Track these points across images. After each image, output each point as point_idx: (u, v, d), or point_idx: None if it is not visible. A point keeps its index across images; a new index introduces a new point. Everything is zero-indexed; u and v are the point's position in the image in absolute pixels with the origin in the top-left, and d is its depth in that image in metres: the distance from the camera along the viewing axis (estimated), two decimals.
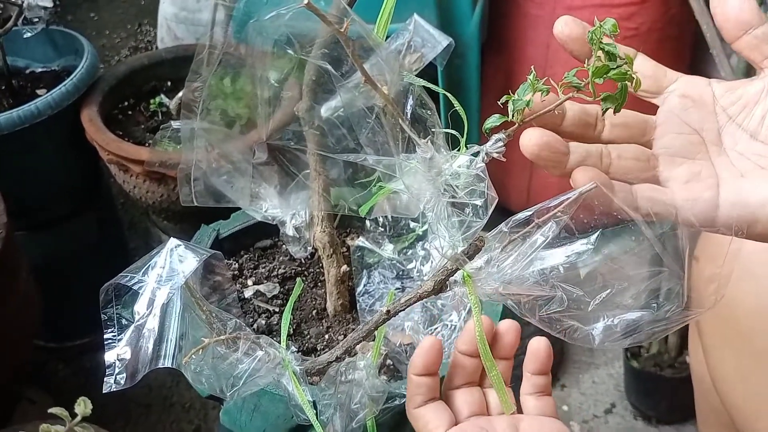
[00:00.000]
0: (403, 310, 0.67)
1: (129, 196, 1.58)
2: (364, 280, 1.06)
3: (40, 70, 1.67)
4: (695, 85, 0.67)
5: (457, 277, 0.64)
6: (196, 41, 2.04)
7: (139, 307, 0.65)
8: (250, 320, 1.03)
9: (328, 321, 1.05)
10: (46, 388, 1.59)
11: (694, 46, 1.89)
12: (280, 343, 0.78)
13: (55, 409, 0.72)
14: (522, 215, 0.63)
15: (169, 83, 1.67)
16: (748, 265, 0.87)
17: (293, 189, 1.00)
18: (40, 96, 1.48)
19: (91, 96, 1.52)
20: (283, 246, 1.12)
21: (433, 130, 0.58)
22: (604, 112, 0.63)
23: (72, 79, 1.49)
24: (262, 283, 1.09)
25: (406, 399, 0.73)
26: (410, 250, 1.09)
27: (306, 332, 1.03)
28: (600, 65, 0.60)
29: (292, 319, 1.01)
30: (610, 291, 0.62)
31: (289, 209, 1.02)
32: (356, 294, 1.04)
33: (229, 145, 0.96)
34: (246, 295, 1.07)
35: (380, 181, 0.64)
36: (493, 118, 0.60)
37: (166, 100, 1.60)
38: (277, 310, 1.05)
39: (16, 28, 1.49)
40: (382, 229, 1.10)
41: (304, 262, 1.12)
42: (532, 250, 0.61)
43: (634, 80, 0.63)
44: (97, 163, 1.61)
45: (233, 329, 0.68)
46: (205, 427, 1.62)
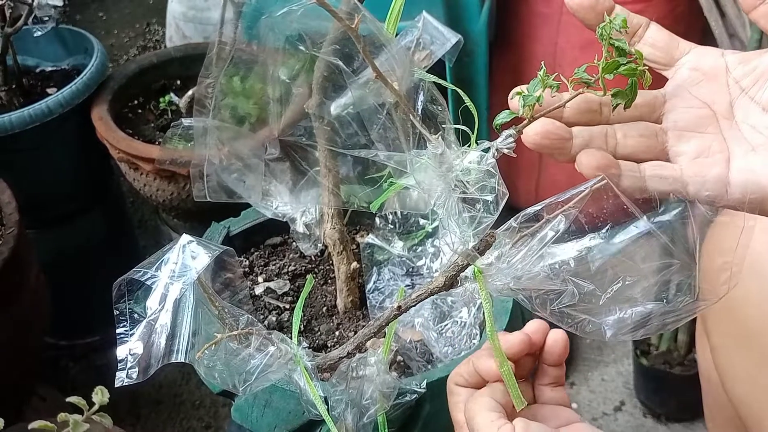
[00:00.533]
0: (415, 305, 0.67)
1: (139, 195, 1.58)
2: (374, 277, 1.06)
3: (50, 69, 1.67)
4: (707, 57, 0.66)
5: (468, 272, 0.64)
6: (204, 40, 2.05)
7: (152, 303, 0.65)
8: (261, 317, 1.04)
9: (338, 318, 1.05)
10: (57, 386, 1.59)
11: (702, 44, 1.89)
12: (291, 339, 0.78)
13: (72, 398, 0.73)
14: (532, 210, 0.63)
15: (179, 82, 1.67)
16: (755, 264, 0.86)
17: (303, 186, 1.00)
18: (51, 95, 1.48)
19: (101, 95, 1.53)
20: (294, 243, 1.13)
21: (443, 126, 0.58)
22: (614, 108, 0.63)
23: (82, 78, 1.49)
24: (273, 281, 1.09)
25: (451, 373, 0.75)
26: (420, 247, 1.10)
27: (316, 329, 1.03)
28: (610, 61, 0.61)
29: (303, 315, 1.01)
30: (621, 284, 0.62)
31: (300, 206, 1.02)
32: (366, 291, 1.05)
33: (239, 143, 0.96)
34: (256, 292, 1.07)
35: (391, 177, 0.64)
36: (504, 114, 0.60)
37: (176, 98, 1.60)
38: (287, 307, 1.06)
39: (27, 27, 1.49)
40: (392, 227, 1.10)
41: (314, 259, 1.13)
42: (542, 245, 0.61)
43: (644, 76, 0.63)
44: (107, 161, 1.62)
45: (245, 325, 0.69)
46: (215, 424, 1.63)
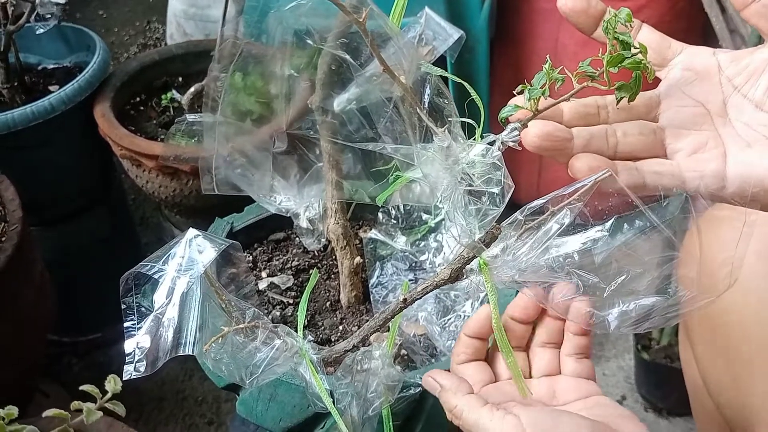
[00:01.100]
0: (420, 298, 0.67)
1: (141, 191, 1.58)
2: (377, 272, 1.06)
3: (52, 66, 1.67)
4: (700, 57, 0.66)
5: (473, 265, 0.64)
6: (205, 37, 2.05)
7: (159, 297, 0.65)
8: (265, 312, 1.04)
9: (341, 312, 1.05)
10: (61, 382, 1.60)
11: (703, 40, 1.89)
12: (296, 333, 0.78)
13: (86, 387, 0.73)
14: (537, 203, 0.63)
15: (181, 79, 1.67)
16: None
17: (307, 181, 1.00)
18: (53, 92, 1.49)
19: (103, 92, 1.53)
20: (297, 238, 1.13)
21: (449, 119, 0.58)
22: (618, 101, 0.64)
23: (85, 75, 1.49)
24: (276, 275, 1.10)
25: (452, 354, 0.75)
26: (423, 242, 1.10)
27: (320, 323, 1.04)
28: (615, 54, 0.61)
29: (306, 310, 1.02)
30: (624, 277, 0.63)
31: (303, 201, 1.03)
32: (369, 285, 1.05)
33: (242, 139, 0.97)
34: (260, 288, 1.08)
35: (397, 171, 0.64)
36: (509, 107, 0.61)
37: (178, 95, 1.60)
38: (291, 301, 1.06)
39: (29, 25, 1.49)
40: (395, 222, 1.10)
41: (317, 254, 1.13)
42: (547, 238, 0.62)
43: (648, 69, 0.63)
44: (110, 159, 1.62)
45: (252, 318, 0.69)
46: (218, 420, 1.63)
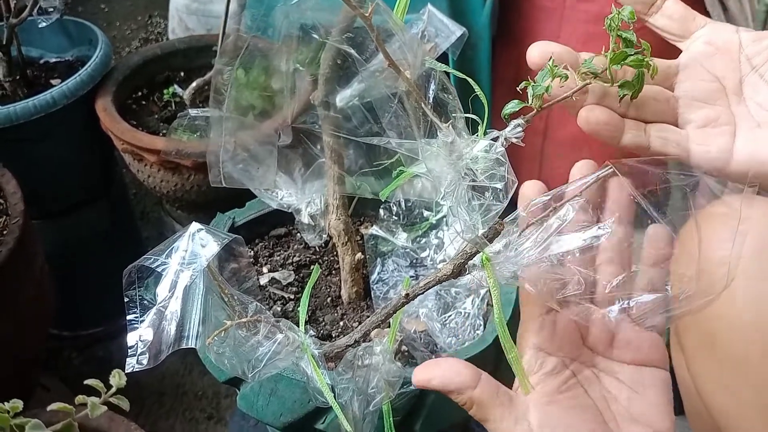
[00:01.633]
0: (422, 293, 0.67)
1: (141, 186, 1.59)
2: (378, 268, 1.07)
3: (54, 60, 1.67)
4: (722, 32, 0.67)
5: (476, 261, 0.65)
6: (207, 32, 2.05)
7: (162, 290, 0.65)
8: (266, 307, 1.04)
9: (342, 308, 1.06)
10: (61, 376, 1.60)
11: None
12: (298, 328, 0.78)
13: (90, 381, 0.73)
14: (540, 199, 0.64)
15: (183, 73, 1.67)
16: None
17: (309, 177, 1.01)
18: (54, 86, 1.48)
19: (105, 86, 1.52)
20: (298, 234, 1.13)
21: (454, 115, 0.59)
22: (621, 98, 0.64)
23: (87, 69, 1.49)
24: (278, 271, 1.10)
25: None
26: (423, 239, 1.10)
27: (321, 319, 1.04)
28: (618, 52, 0.61)
29: (307, 305, 1.02)
30: (625, 274, 0.63)
31: (305, 197, 1.03)
32: (370, 282, 1.05)
33: (245, 134, 0.97)
34: (261, 283, 1.08)
35: (401, 165, 0.65)
36: (512, 103, 0.61)
37: (180, 90, 1.60)
38: (292, 297, 1.06)
39: (31, 18, 1.49)
40: (396, 218, 1.11)
41: (318, 250, 1.13)
42: (549, 234, 0.62)
43: (651, 67, 0.64)
44: (111, 153, 1.62)
45: (254, 312, 0.69)
46: (218, 415, 1.63)
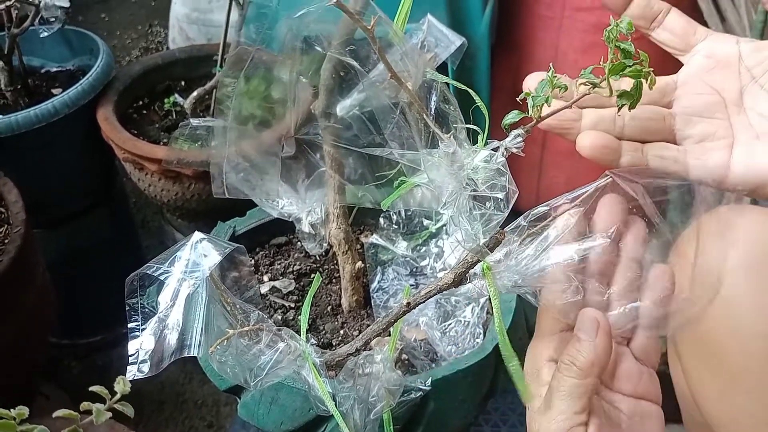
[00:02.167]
0: (423, 302, 0.68)
1: (142, 195, 1.59)
2: (378, 277, 1.07)
3: (55, 69, 1.68)
4: (722, 44, 0.67)
5: (477, 270, 0.65)
6: (208, 42, 2.06)
7: (164, 298, 0.66)
8: (267, 316, 1.05)
9: (343, 317, 1.06)
10: (60, 385, 1.60)
11: None
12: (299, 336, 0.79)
13: (95, 388, 0.73)
14: (540, 209, 0.64)
15: (183, 83, 1.68)
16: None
17: (309, 186, 1.01)
18: (56, 95, 1.49)
19: (106, 95, 1.53)
20: (299, 243, 1.14)
21: (455, 126, 0.59)
22: (619, 109, 0.64)
23: (88, 78, 1.50)
24: (278, 280, 1.10)
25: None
26: (423, 248, 1.11)
27: (321, 327, 1.04)
28: (616, 63, 0.62)
29: (308, 314, 1.02)
30: (623, 281, 0.64)
31: (306, 206, 1.03)
32: (371, 290, 1.06)
33: (247, 144, 0.97)
34: (262, 291, 1.08)
35: (402, 175, 0.65)
36: (513, 114, 0.62)
37: (180, 99, 1.61)
38: (292, 306, 1.07)
39: (33, 28, 1.50)
40: (396, 227, 1.11)
41: (319, 258, 1.14)
42: (549, 243, 0.63)
43: (649, 78, 0.64)
44: (112, 162, 1.63)
45: (256, 321, 0.70)
46: (218, 423, 1.63)
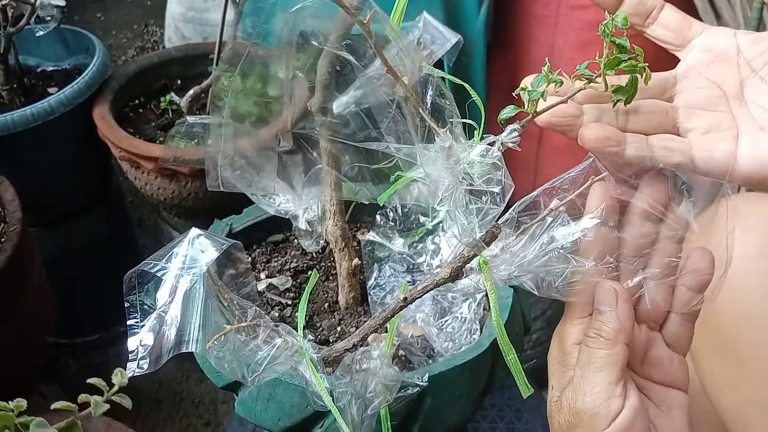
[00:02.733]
0: (420, 296, 0.68)
1: (138, 194, 1.59)
2: (375, 274, 1.07)
3: (51, 68, 1.68)
4: (720, 38, 0.67)
5: (473, 264, 0.65)
6: (204, 40, 2.06)
7: (162, 295, 0.66)
8: (264, 313, 1.05)
9: (339, 313, 1.06)
10: (58, 383, 1.60)
11: None
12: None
13: (93, 380, 0.74)
14: (529, 198, 0.64)
15: (179, 81, 1.68)
16: (729, 275, 0.88)
17: (306, 183, 1.01)
18: (52, 94, 1.49)
19: (102, 94, 1.53)
20: (295, 240, 1.14)
21: (451, 120, 0.59)
22: (615, 104, 0.65)
23: (84, 77, 1.50)
24: (275, 277, 1.10)
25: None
26: (420, 245, 1.11)
27: (318, 324, 1.04)
28: (612, 58, 0.62)
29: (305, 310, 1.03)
30: (617, 261, 0.64)
31: (302, 203, 1.04)
32: (367, 287, 1.06)
33: (243, 141, 0.97)
34: (259, 289, 1.08)
35: (398, 170, 0.65)
36: (509, 108, 0.62)
37: (176, 98, 1.61)
38: (289, 303, 1.07)
39: (28, 27, 1.50)
40: (392, 224, 1.11)
41: (315, 255, 1.14)
42: (542, 231, 0.63)
43: (644, 72, 0.64)
44: (108, 160, 1.63)
45: (253, 317, 0.70)
46: (215, 421, 1.64)
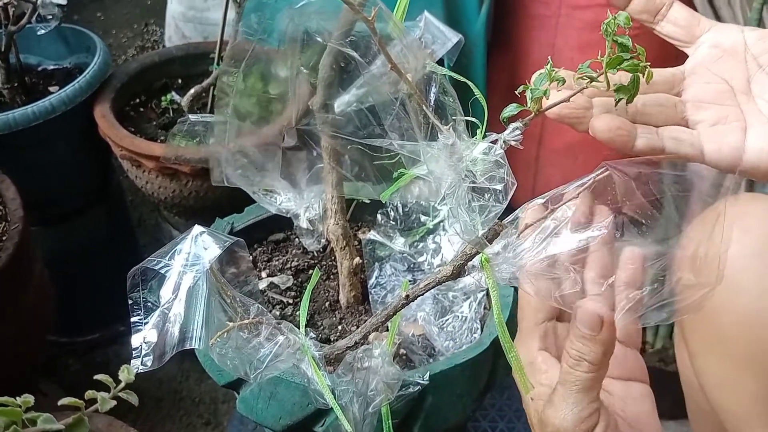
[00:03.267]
0: (422, 294, 0.68)
1: (138, 193, 1.59)
2: (376, 273, 1.07)
3: (52, 67, 1.68)
4: (727, 34, 0.67)
5: (475, 262, 0.66)
6: (204, 39, 2.06)
7: (165, 292, 0.66)
8: (266, 310, 1.05)
9: (341, 312, 1.06)
10: (58, 382, 1.60)
11: None
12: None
13: (100, 376, 0.74)
14: (536, 201, 0.65)
15: (180, 80, 1.68)
16: (726, 272, 0.88)
17: (309, 182, 1.02)
18: (53, 93, 1.49)
19: (103, 93, 1.53)
20: (296, 239, 1.14)
21: (454, 118, 0.60)
22: (617, 103, 0.65)
23: (85, 76, 1.50)
24: (276, 276, 1.10)
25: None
26: (421, 244, 1.11)
27: (319, 323, 1.04)
28: (614, 57, 0.62)
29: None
30: (620, 272, 0.64)
31: (303, 202, 1.04)
32: (368, 286, 1.06)
33: (246, 140, 0.98)
34: (260, 287, 1.08)
35: (401, 167, 0.66)
36: (511, 106, 0.62)
37: (177, 97, 1.61)
38: (290, 301, 1.07)
39: (30, 26, 1.50)
40: (394, 223, 1.12)
41: (317, 254, 1.14)
42: (547, 235, 0.63)
43: (646, 71, 0.65)
44: (108, 159, 1.63)
45: (256, 314, 0.70)
46: (215, 421, 1.63)
